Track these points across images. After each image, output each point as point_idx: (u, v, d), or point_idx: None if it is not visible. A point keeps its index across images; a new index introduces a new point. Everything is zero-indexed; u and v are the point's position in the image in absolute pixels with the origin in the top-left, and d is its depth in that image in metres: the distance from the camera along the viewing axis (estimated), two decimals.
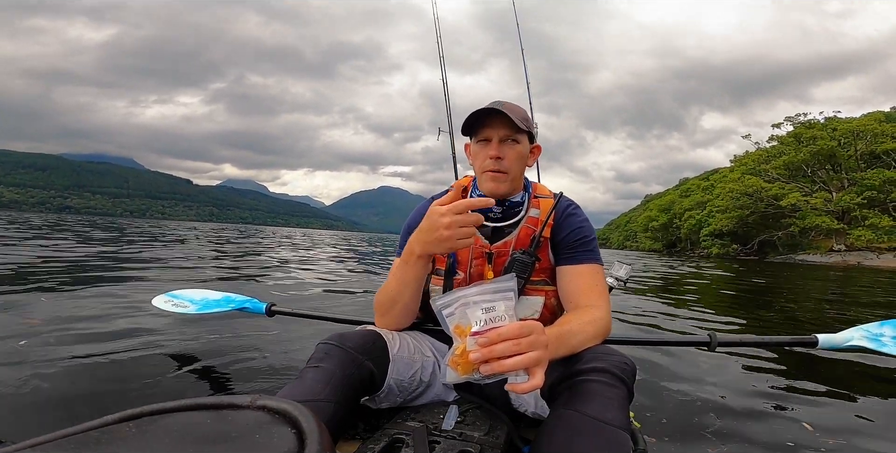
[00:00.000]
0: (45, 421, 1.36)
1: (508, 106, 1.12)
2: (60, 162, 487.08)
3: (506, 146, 1.12)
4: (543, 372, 0.72)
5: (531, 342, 0.70)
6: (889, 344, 1.23)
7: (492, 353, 0.67)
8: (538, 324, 0.74)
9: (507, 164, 1.12)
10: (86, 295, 3.33)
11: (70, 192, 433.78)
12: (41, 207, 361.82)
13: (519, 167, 1.16)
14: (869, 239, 33.23)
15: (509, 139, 1.12)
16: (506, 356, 0.68)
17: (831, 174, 40.08)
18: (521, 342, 0.69)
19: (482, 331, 0.69)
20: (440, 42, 2.56)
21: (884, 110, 46.19)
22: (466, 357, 0.68)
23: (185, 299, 1.94)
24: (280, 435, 0.40)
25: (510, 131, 1.11)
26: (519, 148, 1.14)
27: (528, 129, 1.12)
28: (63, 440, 0.38)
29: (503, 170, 1.12)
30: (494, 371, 0.68)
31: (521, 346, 0.69)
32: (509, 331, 0.69)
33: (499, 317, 0.71)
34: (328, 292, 4.49)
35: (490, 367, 0.68)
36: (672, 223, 61.42)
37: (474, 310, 0.71)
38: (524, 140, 1.15)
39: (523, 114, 1.14)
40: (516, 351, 0.68)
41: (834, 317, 4.53)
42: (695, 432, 1.52)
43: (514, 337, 0.69)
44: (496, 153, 1.11)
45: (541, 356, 0.71)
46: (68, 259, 5.72)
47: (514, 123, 1.07)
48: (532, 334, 0.71)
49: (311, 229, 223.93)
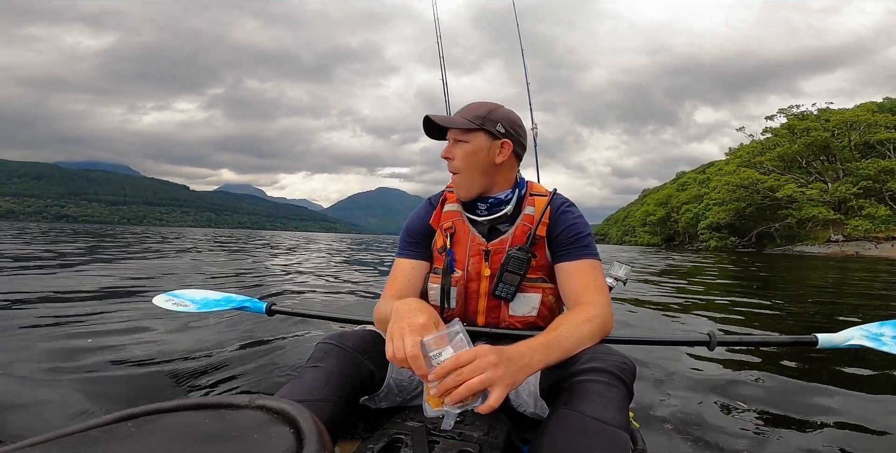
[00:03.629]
0: (45, 420, 1.36)
1: (472, 107, 1.16)
2: (56, 170, 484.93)
3: (455, 146, 1.17)
4: (504, 389, 0.77)
5: (473, 368, 0.76)
6: (889, 343, 1.23)
7: (444, 387, 0.76)
8: (483, 347, 0.79)
9: (455, 164, 1.17)
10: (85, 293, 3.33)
11: (66, 201, 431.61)
12: (38, 216, 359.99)
13: (469, 165, 1.16)
14: (866, 228, 33.35)
15: (459, 139, 1.16)
16: (455, 386, 0.76)
17: (826, 165, 40.18)
18: (462, 371, 0.76)
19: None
20: (440, 41, 2.56)
21: (876, 101, 46.29)
22: (430, 393, 0.80)
23: (186, 298, 1.94)
24: (279, 435, 0.40)
25: (458, 132, 1.16)
26: (467, 147, 1.15)
27: (481, 127, 1.13)
28: (62, 439, 0.38)
29: (452, 170, 1.18)
30: (454, 400, 0.76)
31: (462, 375, 0.75)
32: (447, 365, 0.76)
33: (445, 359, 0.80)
34: (328, 292, 4.49)
35: (450, 398, 0.76)
36: (670, 217, 61.51)
37: (428, 360, 0.81)
38: (474, 138, 1.14)
39: (478, 113, 1.14)
40: (461, 380, 0.75)
41: (831, 312, 4.54)
42: (694, 432, 1.52)
43: (453, 369, 0.76)
44: (444, 153, 1.19)
45: (491, 376, 0.76)
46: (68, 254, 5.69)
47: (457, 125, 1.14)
48: (474, 360, 0.76)
49: (309, 232, 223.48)
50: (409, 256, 1.27)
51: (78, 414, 1.42)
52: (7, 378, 1.64)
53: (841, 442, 1.48)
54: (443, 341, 0.82)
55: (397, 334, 0.84)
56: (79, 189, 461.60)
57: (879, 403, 1.84)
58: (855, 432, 1.56)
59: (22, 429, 1.30)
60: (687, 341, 1.55)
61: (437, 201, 1.29)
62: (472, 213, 1.23)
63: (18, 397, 1.49)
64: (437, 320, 0.89)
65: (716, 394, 1.88)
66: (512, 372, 0.80)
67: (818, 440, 1.49)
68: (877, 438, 1.52)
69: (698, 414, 1.67)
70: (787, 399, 1.86)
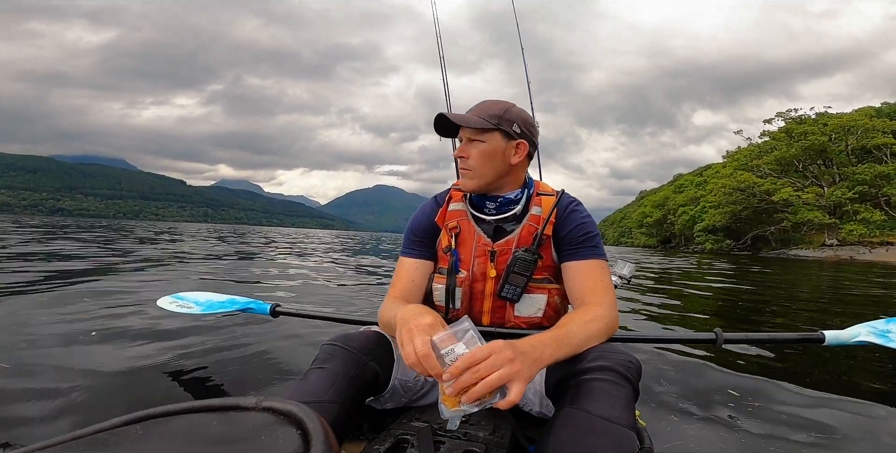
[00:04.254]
0: (53, 424, 1.35)
1: (485, 105, 1.15)
2: (51, 163, 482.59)
3: (470, 145, 1.16)
4: (523, 383, 0.76)
5: (489, 364, 0.74)
6: None
7: (460, 386, 0.74)
8: (497, 343, 0.78)
9: (470, 163, 1.16)
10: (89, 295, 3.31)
11: (62, 194, 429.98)
12: (34, 210, 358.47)
13: (484, 164, 1.15)
14: (861, 233, 33.56)
15: (474, 138, 1.15)
16: (472, 384, 0.74)
17: (823, 169, 40.40)
18: (479, 368, 0.74)
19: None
20: (440, 41, 2.56)
21: (874, 105, 46.53)
22: (445, 392, 0.78)
23: (190, 301, 1.93)
24: (285, 437, 0.40)
25: (471, 132, 1.15)
26: (483, 146, 1.14)
27: (496, 126, 1.12)
28: (72, 442, 0.38)
29: (467, 167, 1.17)
30: (472, 399, 0.74)
31: (479, 372, 0.74)
32: (462, 363, 0.75)
33: (459, 357, 0.78)
34: (331, 293, 4.48)
35: (467, 397, 0.74)
36: (666, 219, 61.73)
37: (441, 359, 0.80)
38: (491, 138, 1.14)
39: (494, 112, 1.14)
40: (478, 378, 0.74)
41: (822, 314, 4.56)
42: (702, 430, 1.51)
43: (469, 366, 0.74)
44: (458, 153, 1.19)
45: (508, 372, 0.75)
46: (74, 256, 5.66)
47: (473, 125, 1.12)
48: (490, 356, 0.75)
49: (306, 229, 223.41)
50: (414, 255, 1.26)
51: (84, 417, 1.41)
52: (11, 382, 1.62)
53: (851, 440, 1.48)
54: (453, 338, 0.81)
55: (406, 337, 0.83)
56: (75, 183, 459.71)
57: (888, 401, 1.84)
58: (865, 430, 1.56)
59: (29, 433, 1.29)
60: (694, 339, 1.56)
61: (444, 199, 1.28)
62: (480, 212, 1.22)
63: (23, 400, 1.48)
64: (442, 321, 0.89)
65: (723, 393, 1.88)
66: (528, 367, 0.79)
67: (827, 439, 1.49)
68: (887, 436, 1.52)
69: (705, 412, 1.67)
70: (795, 397, 1.86)
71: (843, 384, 2.03)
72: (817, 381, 2.06)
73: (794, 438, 1.48)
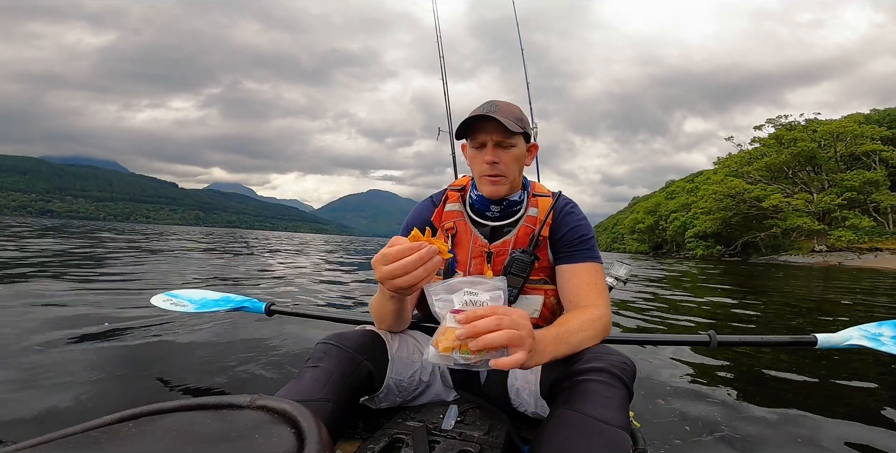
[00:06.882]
0: (44, 422, 1.34)
1: (503, 106, 1.11)
2: (42, 164, 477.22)
3: (500, 150, 1.11)
4: (527, 356, 0.71)
5: (513, 320, 0.70)
6: (888, 343, 1.24)
7: (475, 329, 0.68)
8: (525, 312, 0.75)
9: (503, 168, 1.12)
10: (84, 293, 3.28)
11: (52, 196, 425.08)
12: (22, 211, 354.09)
13: (516, 169, 1.15)
14: (849, 239, 33.95)
15: (504, 143, 1.11)
16: (488, 331, 0.68)
17: (812, 175, 40.91)
18: (503, 318, 0.69)
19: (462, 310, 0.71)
20: (440, 44, 2.58)
21: (863, 112, 47.24)
22: (446, 334, 0.70)
23: (184, 299, 1.91)
24: (280, 435, 0.40)
25: (503, 135, 1.09)
26: (514, 151, 1.12)
27: (524, 130, 1.11)
28: (63, 440, 0.37)
29: (501, 173, 1.12)
30: (479, 345, 0.68)
31: (503, 321, 0.69)
32: (491, 308, 0.71)
33: (480, 303, 0.73)
34: (327, 293, 4.46)
35: (477, 342, 0.68)
36: (658, 225, 62.19)
37: (459, 294, 0.74)
38: (520, 141, 1.13)
39: (518, 114, 1.13)
40: (497, 326, 0.68)
41: (813, 317, 4.60)
42: (695, 432, 1.52)
43: (494, 313, 0.70)
44: (492, 158, 1.11)
45: (524, 337, 0.71)
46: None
47: (507, 128, 1.06)
48: (515, 314, 0.71)
49: (298, 233, 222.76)
50: None
51: (77, 414, 1.39)
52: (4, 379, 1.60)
53: (842, 440, 1.49)
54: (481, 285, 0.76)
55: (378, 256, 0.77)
56: (65, 184, 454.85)
57: (879, 402, 1.86)
58: (856, 431, 1.57)
59: (21, 431, 1.27)
60: (687, 341, 1.56)
61: (440, 199, 1.28)
62: (482, 216, 1.21)
63: (16, 398, 1.46)
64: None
65: (716, 394, 1.90)
66: (536, 351, 0.77)
67: (818, 439, 1.50)
68: (878, 437, 1.53)
69: (699, 413, 1.68)
70: (787, 398, 1.89)
71: (835, 387, 2.06)
72: (810, 384, 2.08)
73: (787, 440, 1.49)
